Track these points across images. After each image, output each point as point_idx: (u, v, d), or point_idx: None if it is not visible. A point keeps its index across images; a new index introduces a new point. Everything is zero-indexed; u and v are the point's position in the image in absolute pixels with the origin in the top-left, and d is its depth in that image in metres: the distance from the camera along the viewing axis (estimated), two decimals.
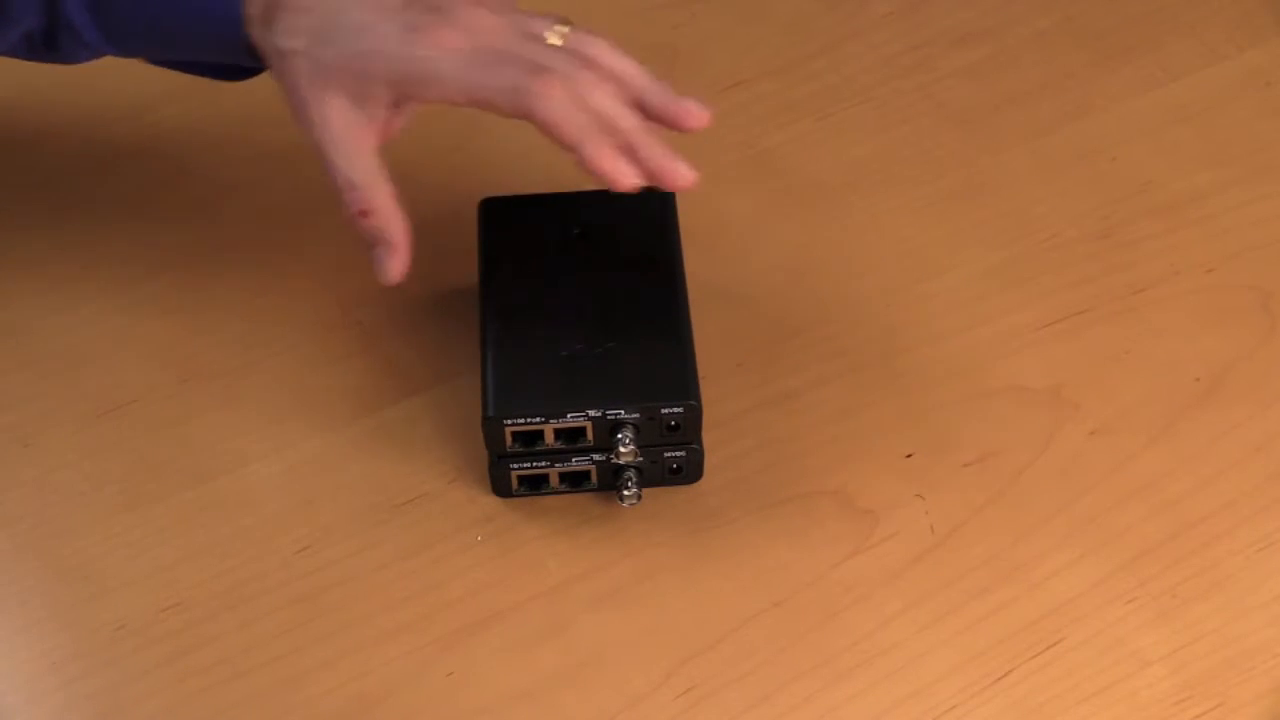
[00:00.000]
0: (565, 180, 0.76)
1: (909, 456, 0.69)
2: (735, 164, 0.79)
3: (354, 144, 0.62)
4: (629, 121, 0.61)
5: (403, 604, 0.64)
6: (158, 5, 0.63)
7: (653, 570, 0.65)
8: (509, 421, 0.64)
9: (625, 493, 0.66)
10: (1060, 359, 0.72)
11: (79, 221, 0.78)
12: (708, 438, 0.67)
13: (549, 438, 0.65)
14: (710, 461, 0.67)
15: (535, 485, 0.67)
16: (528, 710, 0.62)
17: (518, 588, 0.65)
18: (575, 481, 0.67)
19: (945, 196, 0.79)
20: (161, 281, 0.75)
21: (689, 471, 0.67)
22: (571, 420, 0.64)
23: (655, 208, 0.72)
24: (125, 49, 0.66)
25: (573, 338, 0.66)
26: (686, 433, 0.65)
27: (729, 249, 0.76)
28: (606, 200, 0.72)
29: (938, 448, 0.69)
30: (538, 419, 0.64)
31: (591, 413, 0.64)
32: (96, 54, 0.67)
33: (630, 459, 0.65)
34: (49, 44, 0.66)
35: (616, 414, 0.64)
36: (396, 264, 0.63)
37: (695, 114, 0.62)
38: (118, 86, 0.75)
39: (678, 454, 0.66)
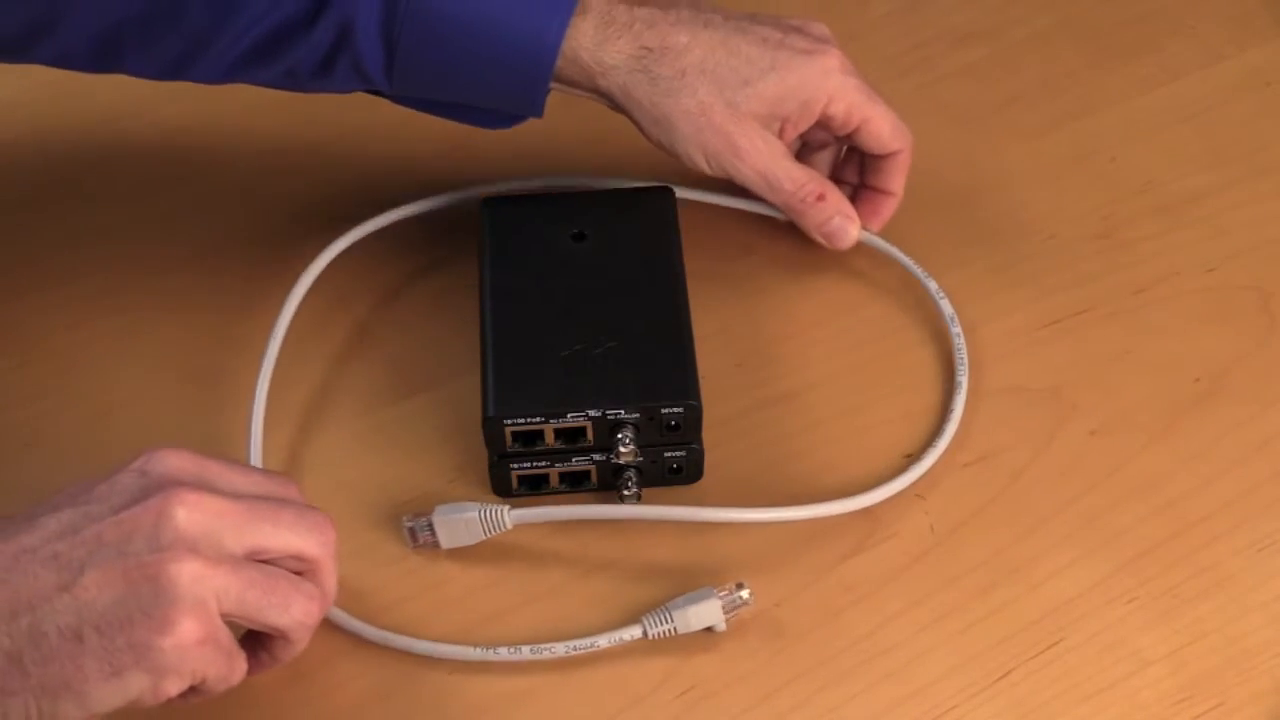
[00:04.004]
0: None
1: (909, 456, 0.69)
2: None
3: (782, 155, 0.70)
4: None
5: (403, 604, 0.64)
6: (460, 44, 0.66)
7: (653, 570, 0.65)
8: (509, 421, 0.64)
9: (625, 493, 0.66)
10: (1060, 359, 0.72)
11: (79, 221, 0.78)
12: (708, 438, 0.67)
13: (549, 438, 0.65)
14: (710, 461, 0.67)
15: (535, 485, 0.67)
16: (528, 710, 0.62)
17: (518, 588, 0.65)
18: (575, 481, 0.67)
19: (945, 196, 0.79)
20: (161, 281, 0.75)
21: (689, 471, 0.67)
22: (571, 420, 0.64)
23: (655, 207, 0.72)
24: (402, 85, 0.68)
25: (573, 338, 0.66)
26: (686, 433, 0.65)
27: (729, 248, 0.76)
28: (607, 200, 0.72)
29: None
30: (538, 419, 0.64)
31: (591, 413, 0.64)
32: (362, 88, 0.69)
33: (630, 459, 0.65)
34: (320, 72, 0.67)
35: (616, 414, 0.64)
36: (853, 228, 0.73)
37: None
38: (118, 87, 0.75)
39: (678, 454, 0.66)
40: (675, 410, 0.64)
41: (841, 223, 0.72)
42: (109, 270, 0.76)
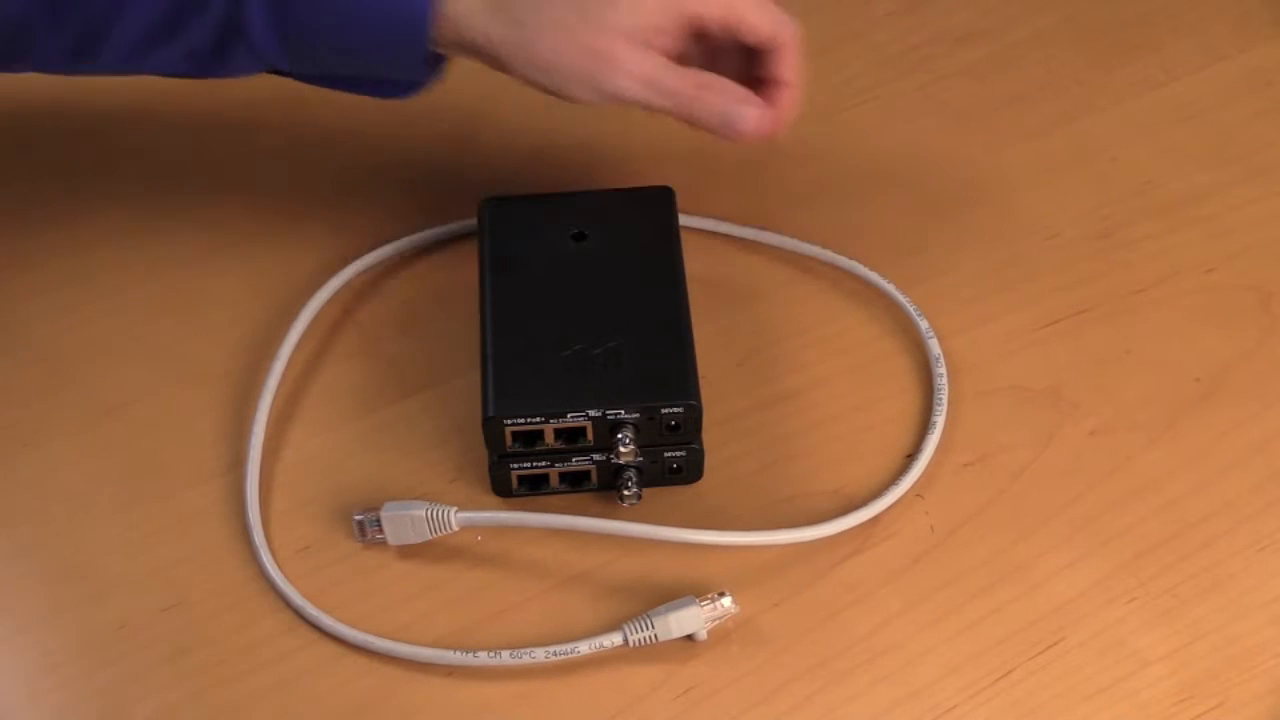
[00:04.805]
0: (565, 180, 0.76)
1: (909, 456, 0.69)
2: (736, 164, 0.79)
3: (662, 61, 0.66)
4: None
5: (403, 604, 0.64)
6: (342, 7, 0.65)
7: (652, 570, 0.65)
8: (509, 421, 0.64)
9: (625, 493, 0.66)
10: (1060, 359, 0.72)
11: (79, 221, 0.78)
12: (708, 438, 0.67)
13: (549, 438, 0.65)
14: (710, 461, 0.67)
15: (535, 485, 0.67)
16: (528, 710, 0.62)
17: (518, 588, 0.65)
18: (575, 481, 0.67)
19: (945, 196, 0.79)
20: (161, 281, 0.75)
21: (689, 471, 0.67)
22: (571, 420, 0.64)
23: (655, 207, 0.72)
24: (297, 56, 0.67)
25: (573, 338, 0.66)
26: (686, 433, 0.65)
27: (729, 249, 0.76)
28: (607, 200, 0.72)
29: (938, 448, 0.69)
30: (538, 419, 0.64)
31: (591, 413, 0.64)
32: (263, 65, 0.68)
33: (630, 459, 0.65)
34: (217, 55, 0.67)
35: (616, 414, 0.64)
36: (751, 110, 0.67)
37: None
38: (118, 87, 0.75)
39: (678, 454, 0.66)
40: (675, 410, 0.64)
41: (737, 107, 0.67)
42: (109, 270, 0.76)
